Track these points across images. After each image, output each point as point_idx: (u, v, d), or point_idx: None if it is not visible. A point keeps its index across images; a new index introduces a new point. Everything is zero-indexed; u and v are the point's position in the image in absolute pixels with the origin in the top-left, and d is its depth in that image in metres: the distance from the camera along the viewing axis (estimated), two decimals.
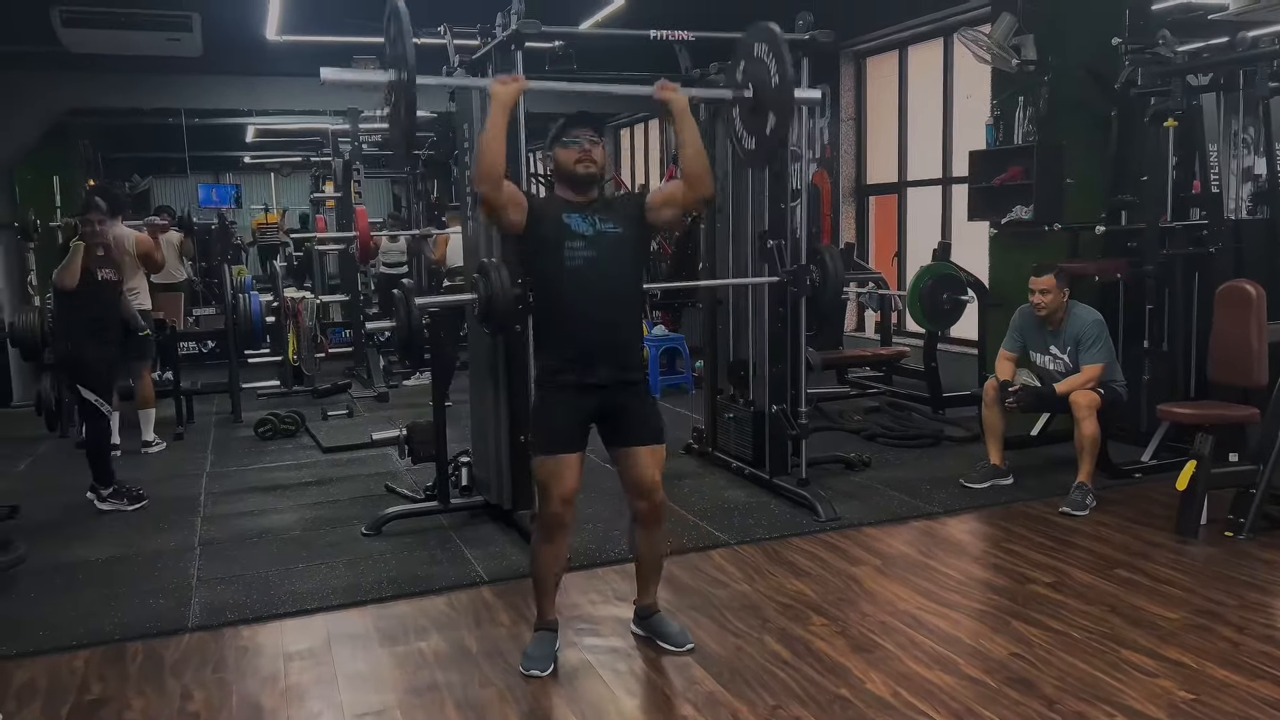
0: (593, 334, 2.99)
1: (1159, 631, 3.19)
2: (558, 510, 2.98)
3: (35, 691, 3.01)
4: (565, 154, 3.01)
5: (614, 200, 3.16)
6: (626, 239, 3.04)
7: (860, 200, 8.60)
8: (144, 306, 6.12)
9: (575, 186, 3.03)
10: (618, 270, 3.02)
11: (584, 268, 2.96)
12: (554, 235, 2.97)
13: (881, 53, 8.22)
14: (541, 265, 3.03)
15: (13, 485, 5.24)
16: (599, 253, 2.97)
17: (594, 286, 2.97)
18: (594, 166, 3.01)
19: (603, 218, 3.01)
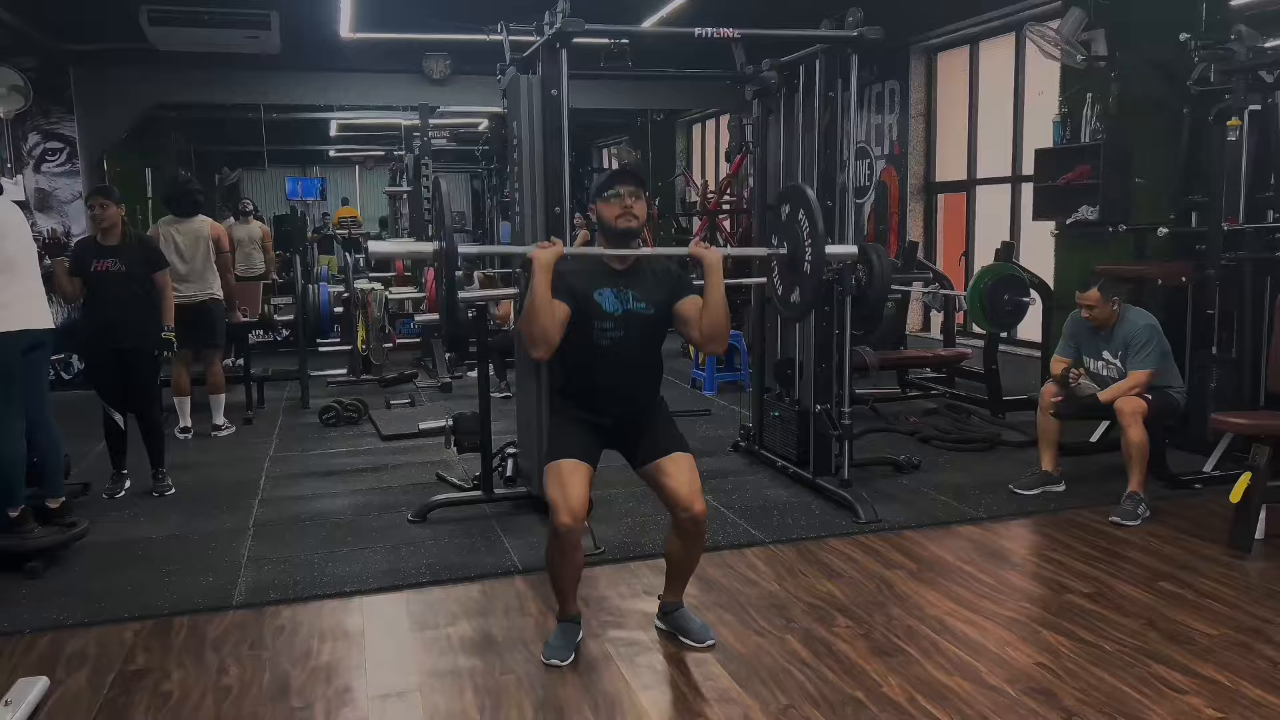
0: (612, 398, 3.09)
1: (1196, 648, 3.09)
2: (566, 522, 2.91)
3: (85, 660, 3.17)
4: (607, 208, 3.06)
5: (650, 272, 3.12)
6: (653, 319, 3.09)
7: (928, 198, 8.46)
8: (215, 296, 6.32)
9: (616, 239, 3.08)
10: (642, 347, 3.10)
11: (610, 346, 3.04)
12: (585, 313, 3.01)
13: (952, 48, 8.07)
14: (573, 340, 3.02)
15: (90, 465, 5.48)
16: (626, 333, 3.04)
17: (618, 362, 3.05)
18: (635, 221, 3.05)
19: (636, 294, 3.05)
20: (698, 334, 3.06)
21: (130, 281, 5.00)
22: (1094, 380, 4.81)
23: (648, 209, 3.12)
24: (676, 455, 3.08)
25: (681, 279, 3.13)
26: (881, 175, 8.74)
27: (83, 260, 5.04)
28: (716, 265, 3.04)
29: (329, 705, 2.85)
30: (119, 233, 5.05)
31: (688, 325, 3.08)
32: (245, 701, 2.88)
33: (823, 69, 4.52)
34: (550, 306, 2.91)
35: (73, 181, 8.11)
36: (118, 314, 4.96)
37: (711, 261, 3.04)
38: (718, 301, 3.01)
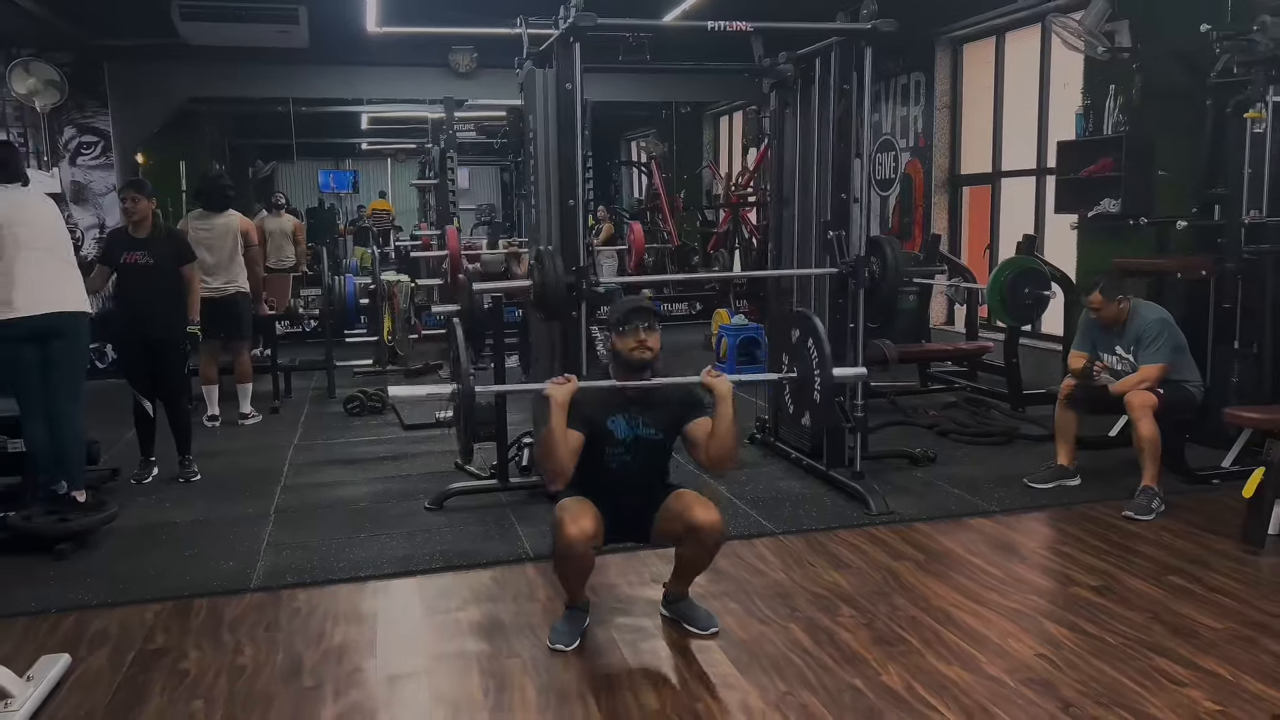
0: (617, 506, 3.16)
1: (1199, 641, 3.09)
2: (572, 533, 2.97)
3: (107, 639, 3.27)
4: (622, 341, 3.15)
5: (663, 395, 3.21)
6: (660, 444, 3.22)
7: (953, 191, 8.41)
8: (243, 289, 6.43)
9: (629, 370, 3.17)
10: (649, 468, 3.23)
11: (619, 469, 3.17)
12: (598, 438, 3.12)
13: (978, 39, 8.01)
14: (586, 453, 3.10)
15: (120, 451, 5.61)
16: (634, 457, 3.17)
17: (625, 480, 3.18)
18: (648, 354, 3.15)
19: (646, 420, 3.16)
20: (704, 457, 3.15)
21: (159, 274, 5.11)
22: (1111, 375, 4.79)
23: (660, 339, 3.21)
24: (677, 492, 3.18)
25: (692, 401, 3.22)
26: (906, 167, 8.71)
27: (113, 252, 5.17)
28: (727, 395, 3.11)
29: (339, 685, 2.93)
30: (149, 226, 5.16)
31: (695, 448, 3.17)
32: (259, 680, 2.97)
33: (837, 61, 4.53)
34: (565, 444, 3.01)
35: (107, 174, 8.27)
36: (147, 305, 5.07)
37: (722, 392, 3.12)
38: (727, 430, 3.10)
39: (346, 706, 2.80)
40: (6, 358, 4.14)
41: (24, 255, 4.16)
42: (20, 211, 4.17)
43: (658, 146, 13.19)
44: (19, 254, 4.15)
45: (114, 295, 5.28)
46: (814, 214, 4.90)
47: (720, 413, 3.10)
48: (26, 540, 4.02)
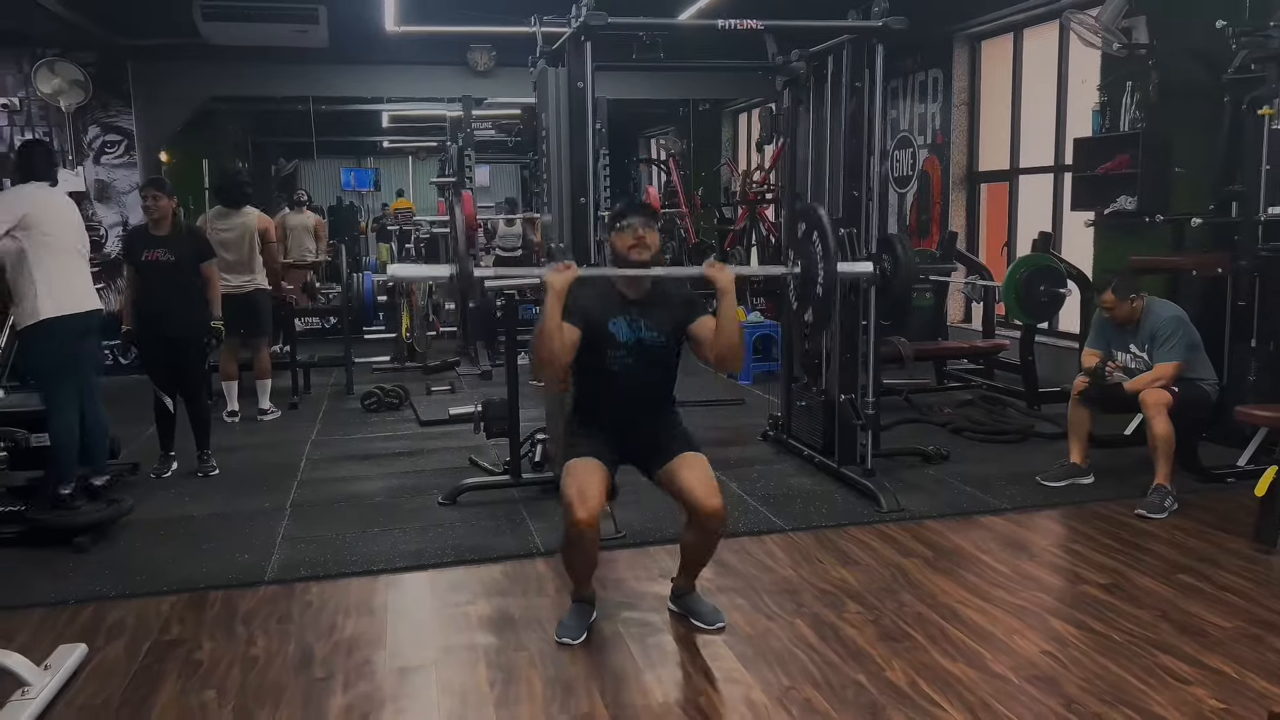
0: (622, 417, 3.19)
1: (1206, 640, 3.08)
2: (582, 518, 2.95)
3: (124, 629, 3.33)
4: (619, 239, 3.14)
5: (663, 299, 3.20)
6: (664, 346, 3.18)
7: (971, 187, 8.38)
8: (262, 286, 6.50)
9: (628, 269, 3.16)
10: (652, 373, 3.20)
11: (621, 372, 3.14)
12: (598, 340, 3.11)
13: (996, 35, 7.98)
14: (582, 360, 3.13)
15: (140, 446, 5.69)
16: (637, 360, 3.14)
17: (629, 386, 3.16)
18: (646, 253, 3.12)
19: (648, 323, 3.14)
20: (711, 355, 3.13)
21: (179, 271, 5.17)
22: (1124, 374, 4.76)
23: (658, 239, 3.19)
24: (687, 455, 3.15)
25: (694, 302, 3.20)
26: (924, 164, 8.68)
27: (134, 249, 5.24)
28: (729, 287, 3.08)
29: (348, 677, 2.97)
30: (170, 223, 5.22)
31: (701, 346, 3.15)
32: (270, 671, 3.01)
33: (849, 59, 4.54)
34: (560, 331, 2.99)
35: (130, 173, 8.38)
36: (166, 303, 5.13)
37: (724, 284, 3.07)
38: (730, 323, 3.08)
39: (355, 697, 2.84)
40: (68, 351, 4.21)
41: (69, 255, 4.26)
42: (59, 213, 4.24)
43: (676, 144, 13.21)
44: (65, 254, 4.24)
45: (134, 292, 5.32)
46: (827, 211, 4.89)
47: (724, 305, 3.08)
48: (46, 533, 4.10)
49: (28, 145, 4.39)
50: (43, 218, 4.09)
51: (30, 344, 4.12)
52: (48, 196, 4.16)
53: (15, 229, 4.00)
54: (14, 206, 4.02)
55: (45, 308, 4.07)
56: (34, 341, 4.11)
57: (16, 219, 4.00)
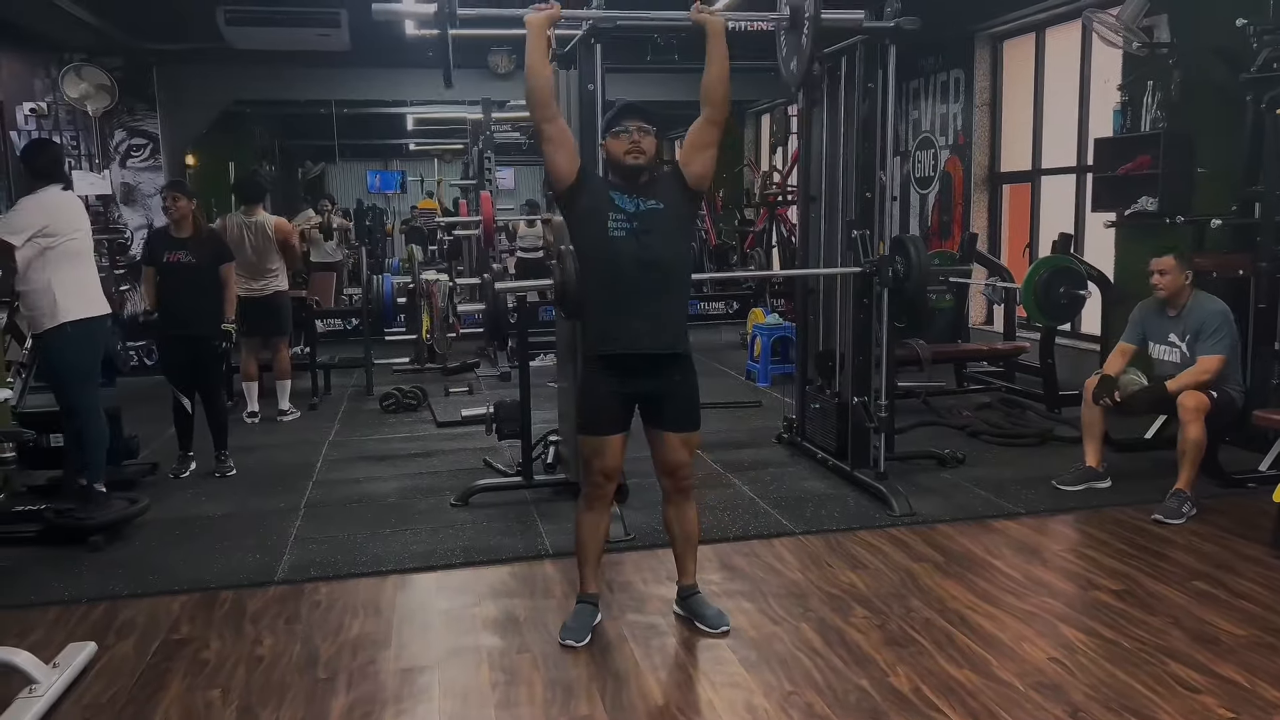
0: (636, 306, 3.04)
1: (1218, 648, 3.03)
2: (598, 481, 3.15)
3: (134, 628, 3.37)
4: (615, 143, 3.10)
5: (659, 178, 3.20)
6: (670, 215, 3.10)
7: (993, 189, 8.30)
8: (281, 288, 6.56)
9: (625, 176, 3.12)
10: (661, 244, 3.06)
11: (627, 240, 3.02)
12: (598, 207, 3.06)
13: (1018, 35, 7.90)
14: (585, 236, 3.12)
15: (160, 446, 5.75)
16: (642, 225, 3.03)
17: (637, 260, 3.02)
18: (642, 157, 3.08)
19: (646, 197, 3.09)
20: (698, 127, 3.11)
21: (199, 273, 5.23)
22: (1157, 366, 4.69)
23: (656, 144, 3.15)
24: (687, 435, 3.19)
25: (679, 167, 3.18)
26: (946, 165, 8.62)
27: (155, 251, 5.30)
28: (719, 31, 3.14)
29: (351, 677, 2.98)
30: (190, 225, 5.28)
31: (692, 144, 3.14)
32: (275, 671, 3.04)
33: (862, 60, 4.51)
34: (545, 67, 3.05)
35: (155, 176, 8.47)
36: (186, 303, 5.18)
37: (715, 27, 3.15)
38: (720, 63, 3.10)
39: (357, 698, 2.86)
40: (92, 352, 4.27)
41: (86, 257, 4.31)
42: (75, 216, 4.27)
43: None
44: (84, 257, 4.29)
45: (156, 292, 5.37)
46: (840, 213, 4.87)
47: (715, 46, 3.11)
48: (63, 532, 4.15)
49: (39, 146, 4.41)
50: (62, 222, 4.12)
51: (54, 346, 4.15)
52: (64, 200, 4.20)
53: (36, 235, 4.04)
54: (36, 215, 4.04)
55: (71, 310, 4.11)
56: (59, 344, 4.13)
57: (39, 227, 4.04)
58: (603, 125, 3.19)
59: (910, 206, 9.25)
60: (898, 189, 9.26)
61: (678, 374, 3.17)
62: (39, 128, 8.24)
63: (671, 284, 3.12)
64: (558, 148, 3.08)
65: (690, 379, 3.21)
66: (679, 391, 3.17)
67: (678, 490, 3.25)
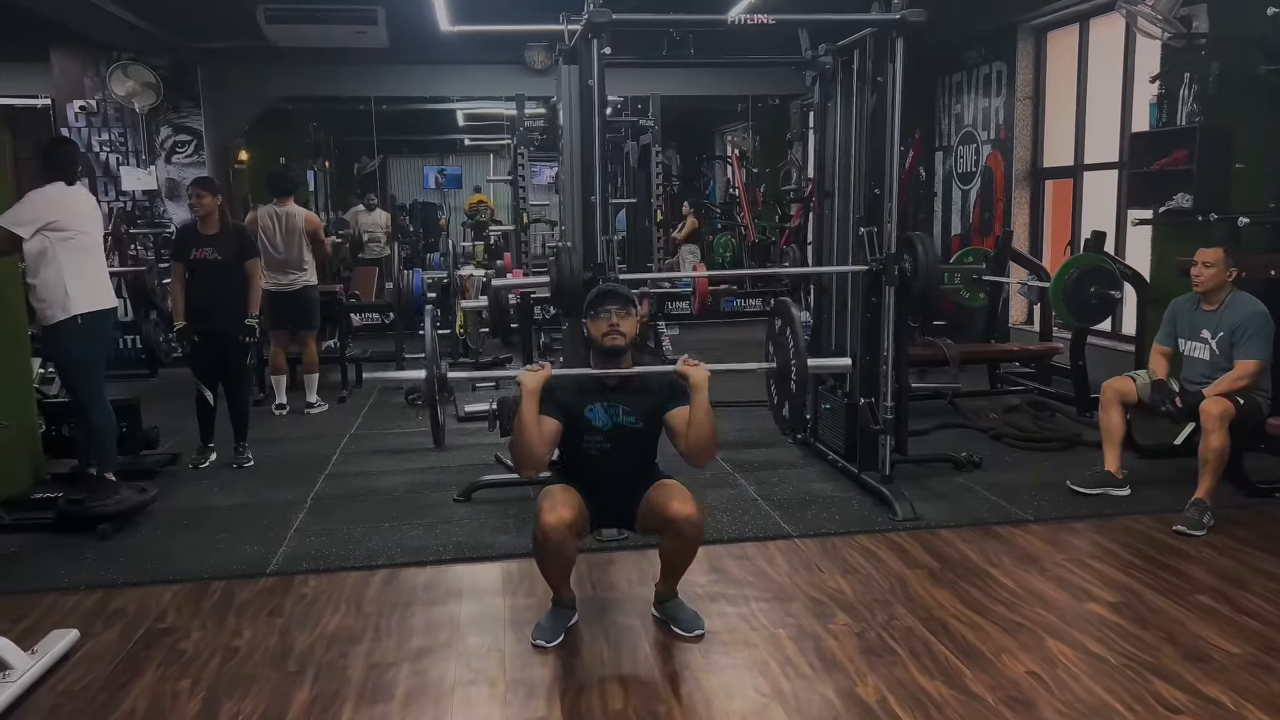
0: (603, 495, 3.18)
1: (1210, 666, 2.90)
2: (550, 521, 2.98)
3: (123, 616, 3.44)
4: (595, 326, 3.14)
5: (642, 384, 3.19)
6: (642, 432, 3.18)
7: (1035, 184, 8.08)
8: (310, 282, 6.66)
9: (603, 357, 3.15)
10: (631, 457, 3.19)
11: (600, 457, 3.16)
12: (576, 427, 3.12)
13: (1062, 26, 7.67)
14: (566, 441, 3.16)
15: (186, 437, 5.86)
16: (615, 445, 3.15)
17: (609, 470, 3.16)
18: (621, 339, 3.12)
19: (626, 409, 3.13)
20: (684, 446, 3.10)
21: (225, 268, 5.32)
22: (1185, 364, 4.52)
23: (637, 324, 3.18)
24: (661, 482, 3.14)
25: (673, 387, 3.14)
26: (987, 160, 8.41)
27: (184, 247, 5.39)
28: (702, 384, 3.05)
29: (320, 671, 3.00)
30: (216, 221, 5.37)
31: (676, 436, 3.12)
32: (248, 663, 3.07)
33: (871, 53, 4.41)
34: (536, 429, 3.00)
35: (199, 171, 8.63)
36: (212, 298, 5.28)
37: (697, 380, 3.05)
38: (702, 419, 3.04)
39: (320, 692, 2.87)
40: (102, 343, 4.39)
41: (95, 252, 4.42)
42: (82, 211, 4.38)
43: (745, 140, 13.08)
44: (94, 252, 4.40)
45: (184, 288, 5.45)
46: (852, 209, 4.78)
47: (696, 401, 3.04)
48: (75, 520, 4.26)
49: (55, 144, 4.54)
50: (70, 217, 4.23)
51: (61, 337, 4.26)
52: (71, 196, 4.30)
53: (44, 229, 4.15)
54: (42, 209, 4.16)
55: (78, 303, 4.21)
56: (66, 335, 4.24)
57: (46, 221, 4.14)
58: (585, 306, 3.21)
59: (952, 202, 9.06)
60: (940, 185, 9.18)
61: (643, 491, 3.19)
62: (89, 124, 8.50)
63: (637, 484, 3.17)
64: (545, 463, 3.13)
65: None
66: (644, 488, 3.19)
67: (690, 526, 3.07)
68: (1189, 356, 4.47)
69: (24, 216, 4.14)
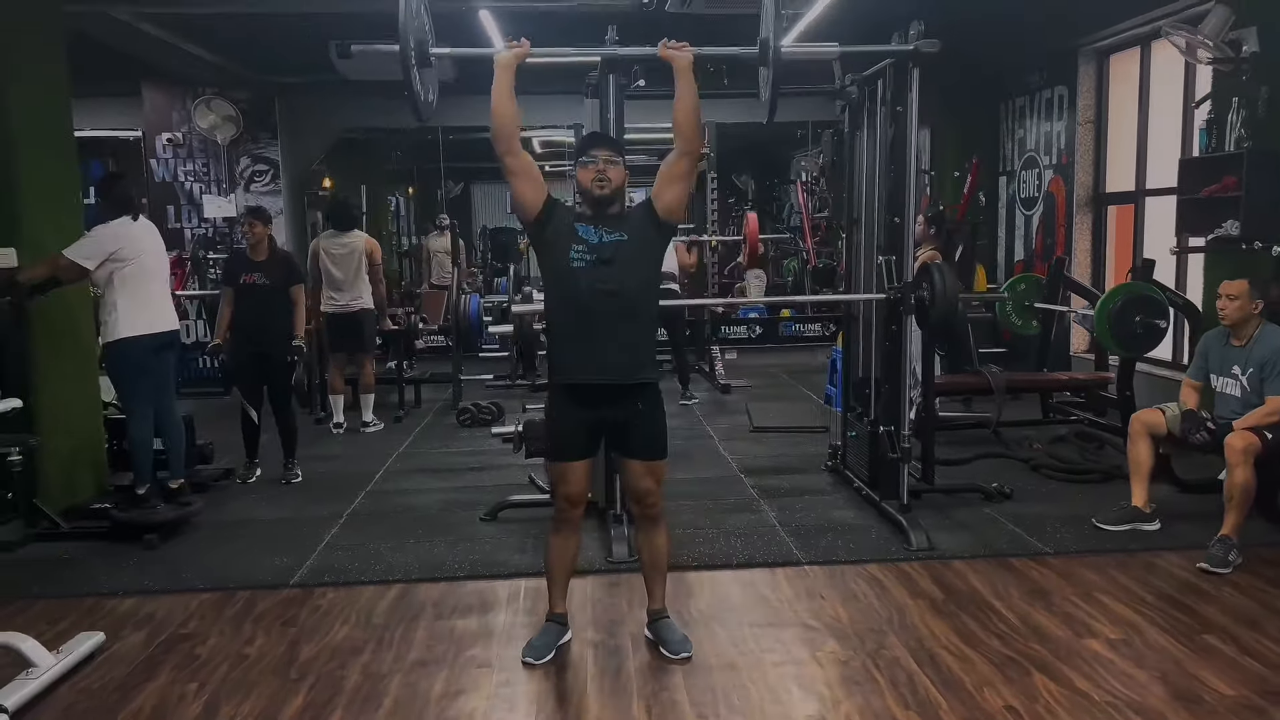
0: (597, 336, 3.09)
1: (1198, 707, 2.83)
2: (563, 506, 3.25)
3: (149, 621, 3.65)
4: (583, 173, 3.16)
5: (628, 212, 3.25)
6: (634, 246, 3.13)
7: (1097, 210, 7.90)
8: (367, 305, 6.92)
9: (593, 205, 3.17)
10: (622, 274, 3.09)
11: (587, 270, 3.08)
12: (562, 238, 3.11)
13: (1123, 50, 7.51)
14: (549, 267, 3.17)
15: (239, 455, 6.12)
16: (602, 256, 3.07)
17: (597, 290, 3.06)
18: (609, 186, 3.13)
19: (610, 229, 3.13)
20: (672, 161, 3.17)
21: (272, 293, 5.59)
22: (1218, 400, 4.42)
23: (624, 174, 3.20)
24: (652, 463, 3.23)
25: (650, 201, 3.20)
26: (1049, 185, 8.27)
27: (234, 272, 5.68)
28: (686, 67, 3.18)
29: (317, 680, 3.15)
30: (265, 249, 5.67)
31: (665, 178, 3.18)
32: (254, 670, 3.24)
33: (891, 83, 4.43)
34: (510, 101, 3.15)
35: (276, 199, 9.07)
36: (258, 321, 5.55)
37: (681, 63, 3.19)
38: (689, 97, 3.15)
39: (313, 699, 3.01)
40: (141, 367, 4.67)
41: (148, 280, 4.70)
42: (140, 242, 4.68)
43: (815, 164, 13.06)
44: (148, 279, 4.69)
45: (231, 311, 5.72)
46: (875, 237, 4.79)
47: (683, 81, 3.16)
48: (126, 529, 4.53)
49: (110, 181, 4.85)
50: (130, 248, 4.55)
51: (110, 358, 4.60)
52: (131, 229, 4.61)
53: (107, 260, 4.48)
54: (105, 245, 4.52)
55: (122, 329, 4.53)
56: (113, 356, 4.59)
57: (108, 254, 4.49)
58: (574, 155, 3.26)
59: (1015, 228, 8.91)
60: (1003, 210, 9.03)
61: (641, 403, 3.20)
62: (175, 155, 8.98)
63: (632, 313, 3.14)
64: (522, 180, 3.16)
65: (655, 408, 3.25)
66: (643, 420, 3.21)
67: (645, 517, 3.30)
68: (1221, 393, 4.36)
69: (89, 251, 4.49)
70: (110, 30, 6.75)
